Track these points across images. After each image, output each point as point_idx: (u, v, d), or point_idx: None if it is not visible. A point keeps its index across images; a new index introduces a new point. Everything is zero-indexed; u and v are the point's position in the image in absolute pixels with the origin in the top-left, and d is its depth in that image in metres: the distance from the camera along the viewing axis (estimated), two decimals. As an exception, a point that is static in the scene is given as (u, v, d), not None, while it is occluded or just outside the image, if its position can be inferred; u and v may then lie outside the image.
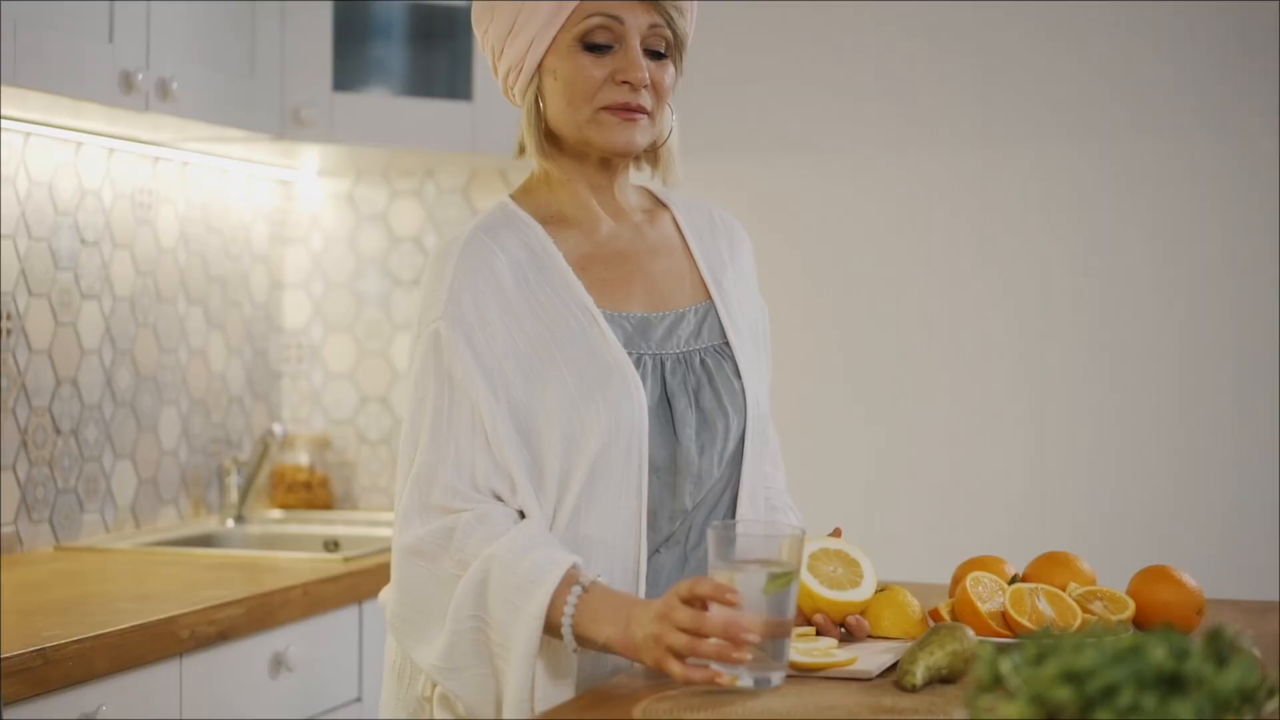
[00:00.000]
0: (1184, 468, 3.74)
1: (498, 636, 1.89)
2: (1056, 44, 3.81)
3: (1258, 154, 3.67)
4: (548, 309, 2.00)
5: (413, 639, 1.97)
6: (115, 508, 3.45)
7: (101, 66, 2.92)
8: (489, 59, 2.10)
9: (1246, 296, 3.70)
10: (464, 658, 1.91)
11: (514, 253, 2.03)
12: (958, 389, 3.88)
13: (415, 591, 1.95)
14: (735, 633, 1.69)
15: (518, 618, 1.86)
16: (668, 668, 1.74)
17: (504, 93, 2.11)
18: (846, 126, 3.95)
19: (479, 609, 1.90)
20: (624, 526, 1.98)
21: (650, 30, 2.04)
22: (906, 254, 3.91)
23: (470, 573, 1.90)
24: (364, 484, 4.13)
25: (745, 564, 1.74)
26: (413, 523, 1.96)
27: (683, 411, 2.02)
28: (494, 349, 1.97)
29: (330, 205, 4.15)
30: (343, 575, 3.08)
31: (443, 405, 1.96)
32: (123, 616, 2.53)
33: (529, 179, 2.14)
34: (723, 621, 1.70)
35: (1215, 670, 1.21)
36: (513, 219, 2.07)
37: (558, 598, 1.85)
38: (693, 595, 1.73)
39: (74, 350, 3.32)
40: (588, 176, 2.10)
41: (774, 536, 1.78)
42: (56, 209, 3.27)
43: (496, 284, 1.99)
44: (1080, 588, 2.00)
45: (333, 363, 4.14)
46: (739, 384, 2.08)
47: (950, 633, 1.78)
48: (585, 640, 1.85)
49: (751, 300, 2.20)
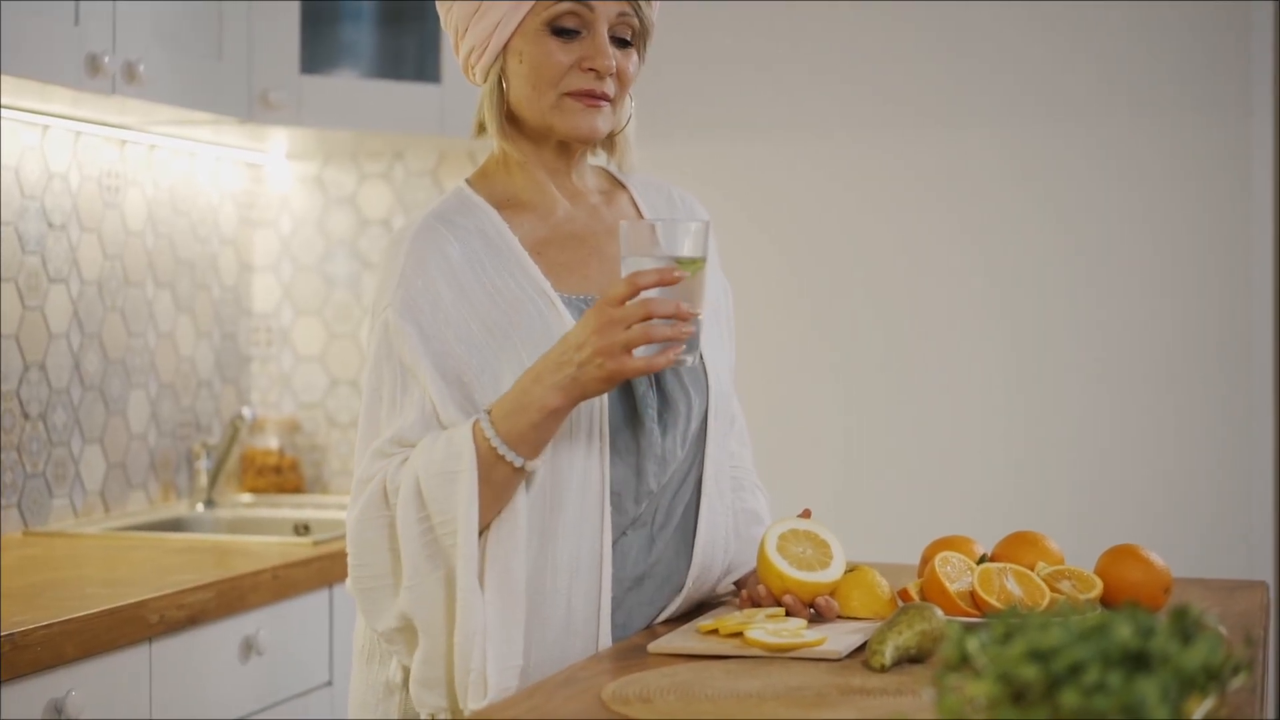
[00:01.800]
0: (1153, 448, 3.75)
1: (442, 516, 1.91)
2: (1032, 22, 3.81)
3: (1248, 138, 3.67)
4: (504, 293, 2.00)
5: (379, 604, 1.98)
6: (84, 492, 3.44)
7: (67, 49, 2.90)
8: (450, 37, 2.10)
9: (1223, 279, 3.71)
10: (420, 568, 1.93)
11: (468, 239, 2.02)
12: (930, 371, 3.89)
13: (368, 552, 1.98)
14: (684, 311, 1.82)
15: (455, 480, 1.89)
16: (627, 368, 1.82)
17: (463, 70, 2.11)
18: (820, 108, 3.95)
19: (419, 510, 1.92)
20: (587, 509, 1.98)
21: (618, 18, 2.04)
22: (880, 236, 3.92)
23: (402, 490, 1.93)
24: (334, 467, 4.12)
25: (662, 256, 1.85)
26: (358, 499, 1.99)
27: (643, 393, 2.02)
28: (445, 335, 1.97)
29: (299, 188, 4.14)
30: (313, 559, 3.07)
31: (396, 392, 1.98)
32: (92, 601, 2.53)
33: (486, 162, 2.14)
34: (673, 301, 1.81)
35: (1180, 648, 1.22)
36: (467, 204, 2.07)
37: (475, 437, 1.89)
38: (635, 287, 1.82)
39: (41, 334, 3.31)
40: (545, 160, 2.10)
41: (683, 226, 1.87)
42: (23, 192, 3.26)
43: (449, 270, 1.99)
44: (1048, 567, 2.00)
45: (302, 346, 4.14)
46: (700, 364, 2.08)
47: (919, 612, 1.78)
48: (525, 437, 1.88)
49: (713, 279, 2.20)
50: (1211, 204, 3.71)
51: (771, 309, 3.96)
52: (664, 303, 1.82)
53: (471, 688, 1.90)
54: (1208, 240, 3.71)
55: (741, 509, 2.20)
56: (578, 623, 1.98)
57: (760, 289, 3.94)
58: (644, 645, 1.90)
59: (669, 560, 2.06)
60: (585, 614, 1.98)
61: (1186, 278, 3.73)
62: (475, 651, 1.89)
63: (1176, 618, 1.25)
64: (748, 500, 2.23)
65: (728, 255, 2.80)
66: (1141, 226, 3.76)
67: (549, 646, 1.96)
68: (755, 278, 3.93)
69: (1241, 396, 3.68)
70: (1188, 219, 3.72)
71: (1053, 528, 2.38)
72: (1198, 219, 3.72)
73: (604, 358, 1.83)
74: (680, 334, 1.82)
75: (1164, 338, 3.74)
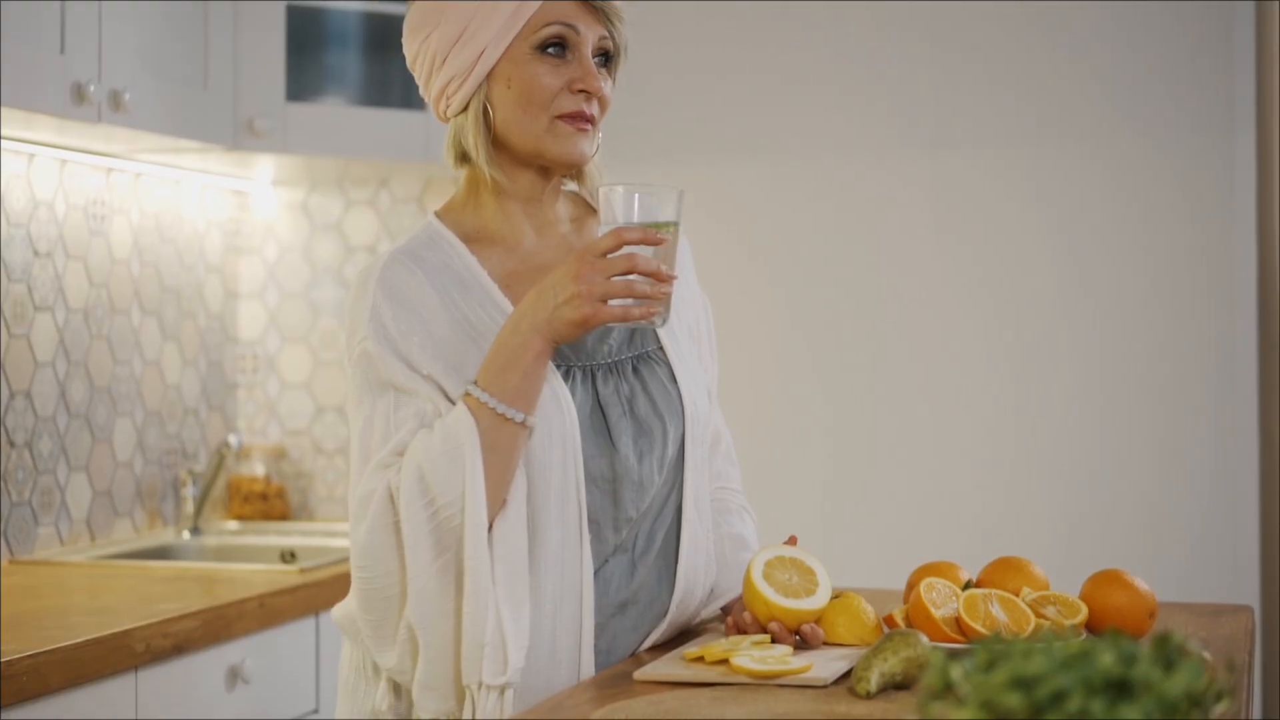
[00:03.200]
0: (1139, 472, 3.76)
1: (448, 497, 1.89)
2: (1020, 43, 3.83)
3: (1234, 153, 3.69)
4: (475, 325, 2.00)
5: (388, 617, 1.96)
6: (70, 520, 3.43)
7: (53, 78, 2.91)
8: (421, 67, 2.07)
9: (1209, 302, 3.72)
10: (424, 560, 1.90)
11: (435, 274, 2.02)
12: (915, 395, 3.89)
13: (380, 560, 1.93)
14: (664, 273, 1.86)
15: (458, 455, 1.89)
16: (602, 314, 1.86)
17: (435, 103, 2.08)
18: (805, 128, 3.96)
19: (423, 496, 1.91)
20: (568, 538, 1.98)
21: (599, 41, 2.05)
22: (865, 257, 3.92)
23: (404, 483, 1.91)
24: (320, 494, 4.12)
25: (640, 222, 1.88)
26: (363, 514, 1.96)
27: (617, 420, 2.02)
28: (423, 359, 1.97)
29: (285, 215, 4.14)
30: (299, 586, 3.07)
31: (389, 413, 1.96)
32: (77, 630, 2.52)
33: (454, 196, 2.13)
34: (655, 261, 1.86)
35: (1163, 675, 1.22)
36: (436, 238, 2.07)
37: (471, 408, 1.91)
38: (620, 240, 1.85)
39: (27, 362, 3.30)
40: (522, 187, 2.09)
41: (660, 194, 1.90)
42: (9, 221, 3.26)
43: (417, 303, 1.99)
44: (1033, 593, 2.01)
45: (288, 373, 4.13)
46: (675, 389, 2.08)
47: (904, 639, 1.78)
48: (521, 390, 1.90)
49: (690, 297, 2.20)
50: (1197, 227, 3.72)
51: (757, 330, 3.96)
52: (647, 260, 1.87)
53: (487, 662, 1.88)
54: (1193, 262, 3.72)
55: (728, 534, 2.20)
56: (562, 650, 1.98)
57: (746, 310, 3.94)
58: (630, 672, 1.90)
59: (651, 586, 2.06)
60: (569, 641, 1.98)
61: (1173, 300, 3.74)
62: (490, 621, 1.88)
63: (1159, 644, 1.25)
64: (734, 524, 2.22)
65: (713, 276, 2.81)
66: (1127, 248, 3.77)
67: (534, 674, 1.95)
68: (742, 299, 3.94)
69: (1226, 420, 3.69)
70: (1173, 242, 3.74)
71: (1038, 552, 2.38)
72: (1183, 242, 3.73)
73: (581, 301, 1.86)
74: (659, 294, 1.87)
75: (1150, 361, 3.75)
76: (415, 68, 2.09)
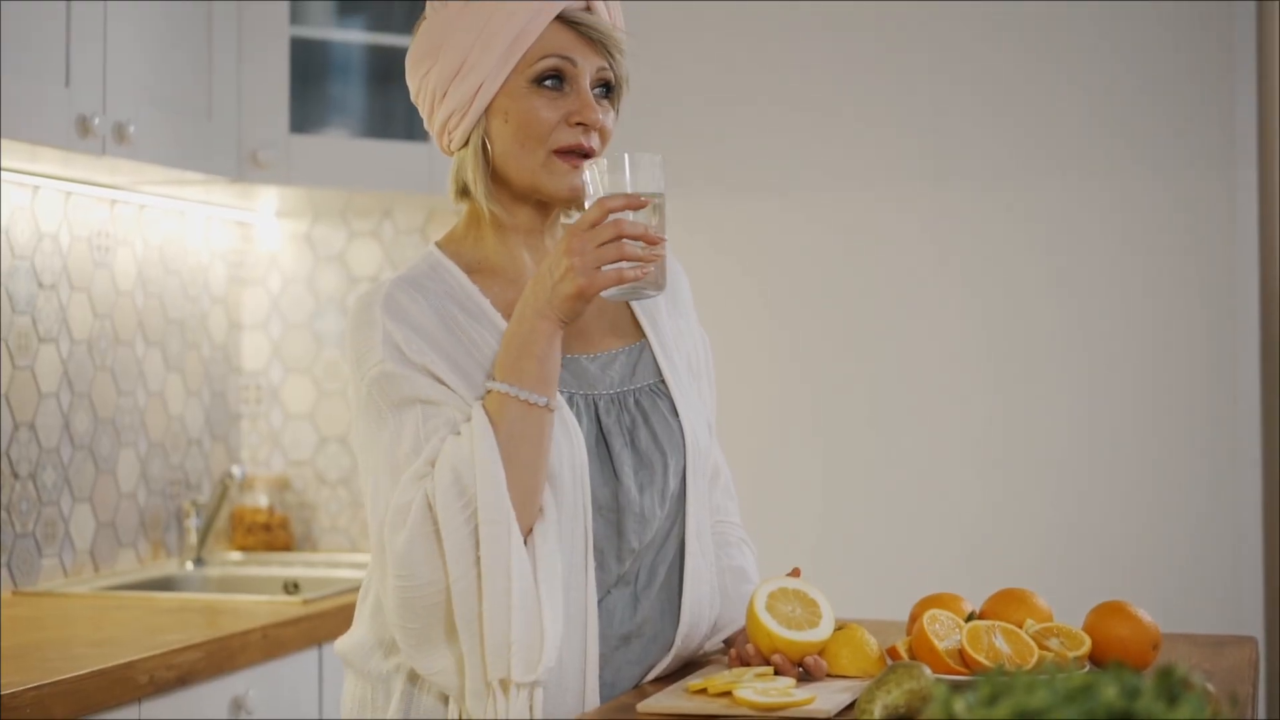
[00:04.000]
0: (1142, 502, 3.76)
1: (489, 495, 1.89)
2: (1025, 80, 3.84)
3: (1236, 185, 3.69)
4: (481, 348, 2.00)
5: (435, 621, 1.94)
6: (74, 551, 3.44)
7: (58, 111, 2.92)
8: (424, 103, 2.08)
9: (1209, 333, 3.72)
10: (464, 561, 1.90)
11: (438, 300, 2.02)
12: (916, 426, 3.89)
13: (424, 568, 1.91)
14: (652, 235, 1.89)
15: (489, 451, 1.89)
16: (597, 282, 1.89)
17: (438, 136, 2.09)
18: (810, 164, 3.97)
19: (460, 497, 1.89)
20: (573, 566, 1.98)
21: (598, 73, 2.05)
22: (867, 289, 3.93)
23: (439, 488, 1.90)
24: (324, 525, 4.12)
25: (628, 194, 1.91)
26: (401, 524, 1.93)
27: (619, 451, 2.02)
28: (444, 376, 1.97)
29: (288, 246, 4.15)
30: (302, 618, 3.07)
31: (419, 426, 1.95)
32: (81, 662, 2.52)
33: (455, 227, 2.13)
34: (641, 224, 1.89)
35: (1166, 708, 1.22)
36: (438, 268, 2.07)
37: (494, 404, 1.92)
38: (605, 209, 1.89)
39: (31, 394, 3.31)
40: (521, 221, 2.09)
41: (640, 164, 1.93)
42: (14, 252, 3.27)
43: (423, 326, 1.99)
44: (1037, 624, 2.00)
45: (291, 404, 4.14)
46: (676, 422, 2.08)
47: (907, 671, 1.78)
48: (540, 376, 1.92)
49: (690, 333, 2.20)
50: (1198, 259, 3.73)
51: (757, 361, 3.97)
52: (633, 224, 1.89)
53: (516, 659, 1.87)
54: (1195, 294, 3.73)
55: (729, 566, 2.20)
56: (565, 679, 1.97)
57: (746, 341, 3.95)
58: (633, 704, 1.90)
59: (655, 620, 2.06)
60: (572, 670, 1.98)
61: (1174, 332, 3.74)
62: (518, 617, 1.87)
63: (1162, 677, 1.26)
64: (735, 557, 2.22)
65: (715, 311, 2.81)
66: (1131, 280, 3.77)
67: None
68: (744, 332, 3.94)
69: (1228, 450, 3.69)
70: (1175, 274, 3.74)
71: (1041, 583, 2.38)
72: (1185, 274, 3.74)
73: (575, 273, 1.89)
74: (651, 256, 1.90)
75: (1152, 392, 3.75)
76: (418, 101, 2.10)
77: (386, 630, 2.03)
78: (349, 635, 2.09)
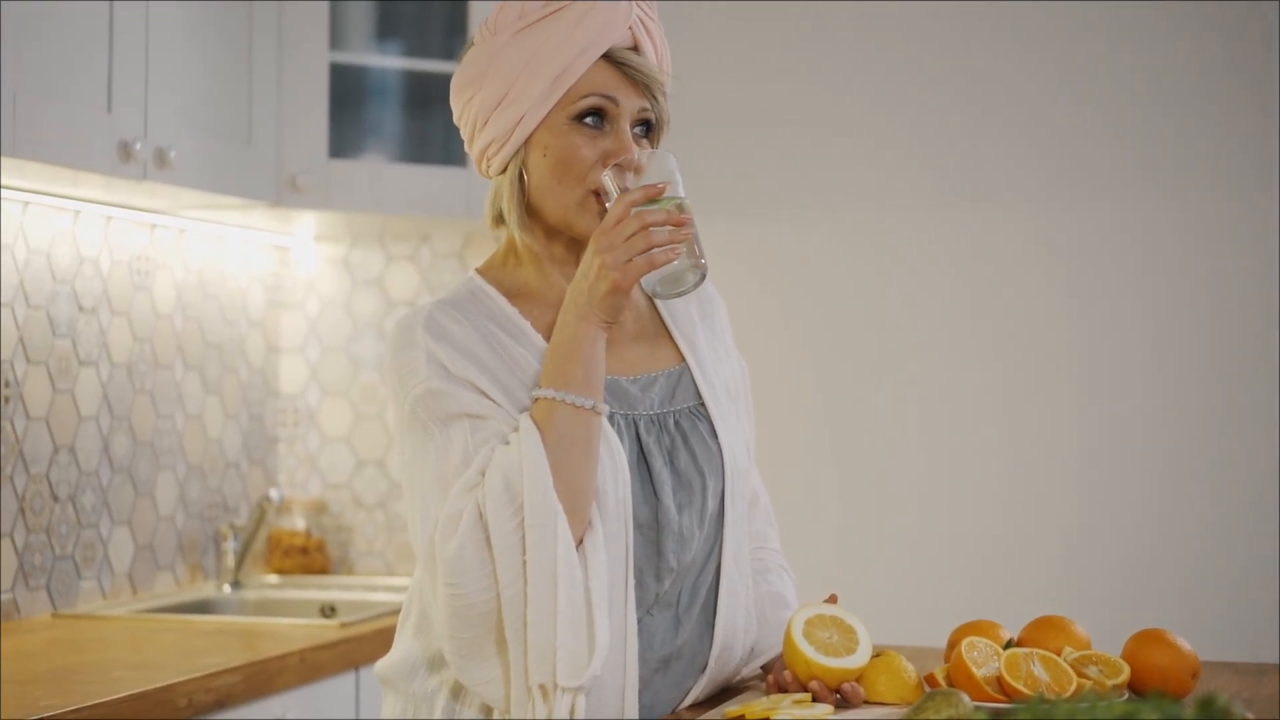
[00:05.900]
0: (1182, 528, 3.74)
1: (536, 498, 1.90)
2: (1052, 102, 3.84)
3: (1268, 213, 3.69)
4: (524, 369, 2.01)
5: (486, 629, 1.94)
6: (112, 574, 3.45)
7: (100, 136, 2.94)
8: (465, 128, 2.09)
9: (1245, 358, 3.71)
10: (514, 567, 1.90)
11: (479, 322, 2.03)
12: (938, 448, 3.88)
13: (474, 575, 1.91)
14: (677, 216, 1.92)
15: (538, 456, 1.91)
16: (631, 273, 1.91)
17: (477, 161, 2.10)
18: (835, 184, 3.97)
19: (510, 504, 1.90)
20: (614, 584, 1.98)
21: (639, 113, 2.05)
22: (885, 313, 3.93)
23: (489, 495, 1.91)
24: (360, 548, 4.13)
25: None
26: (451, 534, 1.93)
27: (659, 470, 2.03)
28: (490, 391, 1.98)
29: (326, 270, 4.17)
30: (339, 641, 3.08)
31: (468, 441, 1.96)
32: (120, 685, 2.53)
33: (495, 254, 2.14)
34: (663, 210, 1.92)
35: (1207, 738, 1.22)
36: (478, 292, 2.08)
37: (542, 412, 1.94)
38: (626, 205, 1.92)
39: (71, 417, 3.33)
40: (555, 253, 2.10)
41: (655, 158, 2.00)
42: (55, 277, 3.29)
43: (467, 346, 2.00)
44: (1075, 652, 2.00)
45: (329, 427, 4.15)
46: (715, 444, 2.08)
47: (946, 698, 1.78)
48: (588, 380, 1.95)
49: (728, 358, 2.21)
50: (1228, 287, 3.71)
51: (785, 389, 3.96)
52: (655, 211, 1.92)
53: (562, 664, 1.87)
54: (1228, 317, 3.72)
55: (767, 592, 2.20)
56: (604, 697, 1.97)
57: (768, 364, 3.94)
58: (671, 730, 1.90)
59: (694, 642, 2.06)
60: (612, 689, 1.98)
61: (1210, 359, 3.73)
62: (564, 622, 1.88)
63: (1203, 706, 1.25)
64: (774, 583, 2.22)
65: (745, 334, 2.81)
66: (1161, 307, 3.76)
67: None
68: (773, 357, 3.94)
69: (1268, 476, 3.67)
70: (1205, 302, 3.73)
71: (1080, 610, 2.37)
72: (1215, 302, 3.72)
73: (608, 270, 1.92)
74: (679, 236, 1.92)
75: (1185, 418, 3.74)
76: (460, 124, 2.11)
77: (431, 647, 2.04)
78: (389, 656, 2.10)
